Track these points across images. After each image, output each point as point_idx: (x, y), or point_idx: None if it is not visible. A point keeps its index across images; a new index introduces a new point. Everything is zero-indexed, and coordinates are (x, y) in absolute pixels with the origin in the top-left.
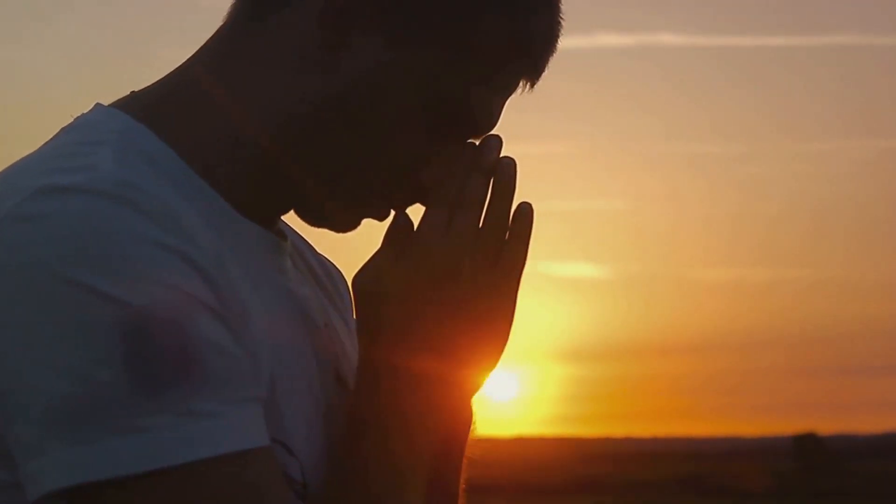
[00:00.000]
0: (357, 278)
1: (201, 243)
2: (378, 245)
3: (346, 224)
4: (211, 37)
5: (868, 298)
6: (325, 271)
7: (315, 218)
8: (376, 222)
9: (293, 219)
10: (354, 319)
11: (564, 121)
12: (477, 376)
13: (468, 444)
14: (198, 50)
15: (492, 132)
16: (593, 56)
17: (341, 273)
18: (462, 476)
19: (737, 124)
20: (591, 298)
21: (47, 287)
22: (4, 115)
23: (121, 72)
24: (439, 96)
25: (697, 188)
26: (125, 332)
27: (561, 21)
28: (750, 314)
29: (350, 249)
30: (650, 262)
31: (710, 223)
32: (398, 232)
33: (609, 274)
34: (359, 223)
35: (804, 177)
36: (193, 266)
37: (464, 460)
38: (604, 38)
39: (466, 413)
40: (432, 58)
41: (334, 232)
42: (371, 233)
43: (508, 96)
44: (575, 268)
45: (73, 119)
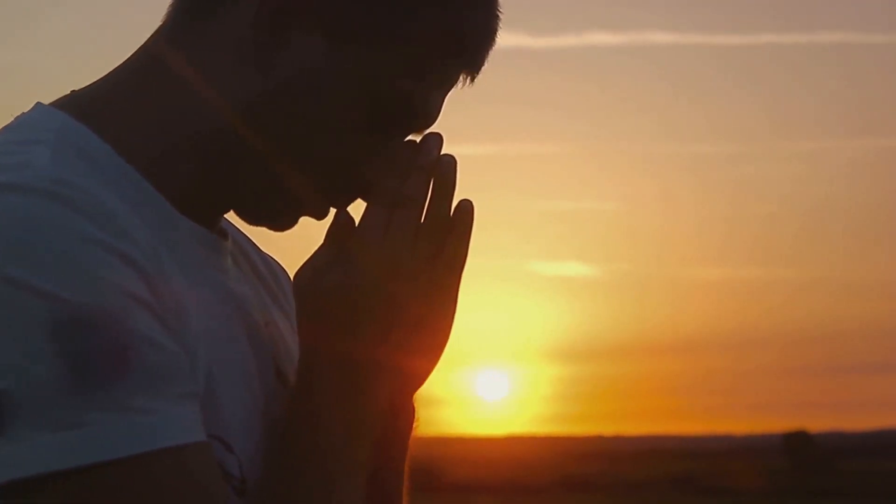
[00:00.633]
0: (297, 276)
1: (137, 240)
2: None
3: (284, 223)
4: (151, 35)
5: (859, 298)
6: (269, 269)
7: (252, 217)
8: (316, 222)
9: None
10: None
11: (556, 120)
12: (417, 373)
13: (411, 442)
14: (138, 49)
15: (432, 130)
16: (584, 55)
17: (285, 271)
18: (405, 473)
19: (729, 123)
20: (583, 298)
21: None
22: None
23: (101, 69)
24: (378, 93)
25: (689, 187)
26: (60, 328)
27: (499, 15)
28: (742, 313)
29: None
30: (642, 262)
31: (702, 223)
32: (339, 230)
33: (601, 273)
34: (296, 222)
35: (797, 176)
36: (129, 263)
37: (407, 458)
38: (595, 37)
39: (408, 411)
40: (370, 54)
41: (272, 231)
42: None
43: (448, 91)
44: (567, 267)
45: (13, 118)
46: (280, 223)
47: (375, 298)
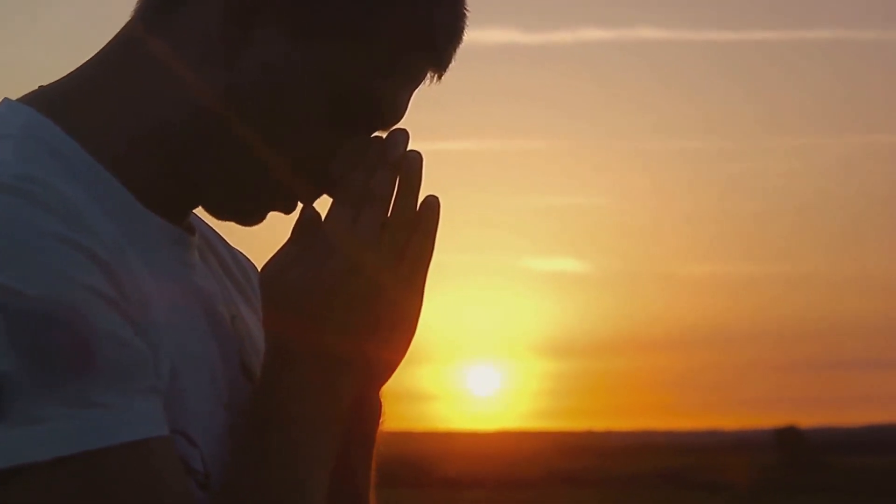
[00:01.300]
0: (264, 271)
1: (101, 235)
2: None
3: (251, 218)
4: (119, 31)
5: (850, 294)
6: (237, 264)
7: (219, 211)
8: (286, 217)
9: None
10: None
11: (547, 116)
12: (383, 369)
13: (377, 438)
14: (106, 44)
15: (398, 126)
16: (576, 51)
17: (255, 266)
18: (372, 469)
19: (721, 120)
20: (574, 293)
21: None
22: None
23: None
24: (343, 89)
25: (681, 183)
26: (20, 323)
27: (466, 13)
28: (732, 309)
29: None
30: (633, 258)
31: (694, 218)
32: (305, 226)
33: (592, 269)
34: (264, 217)
35: (788, 172)
36: (92, 258)
37: (373, 453)
38: (586, 33)
39: (374, 407)
40: (335, 50)
41: (240, 225)
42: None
43: (415, 88)
44: (558, 263)
45: None
46: (247, 218)
47: (340, 294)
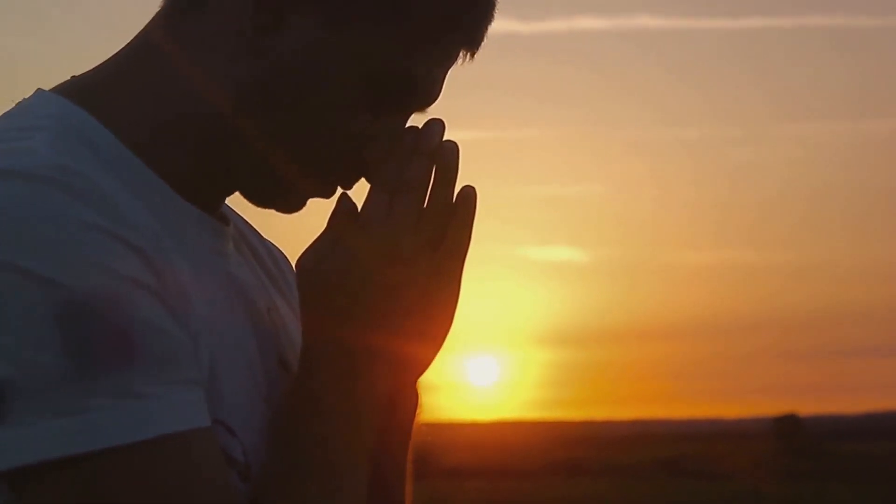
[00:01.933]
0: (299, 262)
1: (139, 226)
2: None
3: (292, 204)
4: (150, 20)
5: (850, 282)
6: (270, 255)
7: (260, 199)
8: (320, 207)
9: (239, 203)
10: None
11: (546, 105)
12: (419, 360)
13: (414, 428)
14: (137, 33)
15: (433, 116)
16: (574, 39)
17: (286, 257)
18: (408, 460)
19: (721, 108)
20: (574, 283)
21: None
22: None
23: (92, 57)
24: (379, 71)
25: (681, 172)
26: (62, 315)
27: None
28: (732, 298)
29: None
30: (633, 247)
31: (693, 207)
32: (341, 215)
33: (592, 258)
34: (304, 203)
35: (790, 161)
36: (131, 248)
37: (410, 444)
38: (584, 22)
39: (411, 397)
40: (369, 33)
41: (280, 213)
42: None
43: (448, 68)
44: (558, 252)
45: (13, 104)
46: (287, 204)
47: (376, 284)
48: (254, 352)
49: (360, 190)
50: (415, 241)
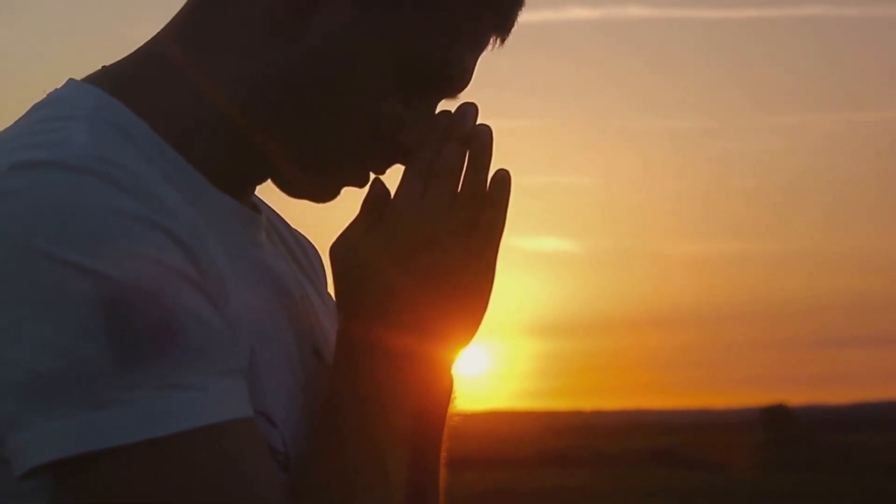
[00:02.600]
0: (334, 248)
1: (178, 216)
2: (353, 216)
3: (325, 193)
4: (181, 8)
5: (837, 272)
6: (299, 244)
7: (293, 188)
8: (343, 198)
9: (267, 192)
10: (328, 293)
11: (533, 95)
12: (455, 347)
13: (448, 417)
14: (168, 22)
15: (467, 100)
16: (562, 30)
17: (314, 246)
18: (443, 448)
19: (708, 98)
20: (562, 273)
21: (25, 263)
22: None
23: (82, 49)
24: (412, 56)
25: (669, 162)
26: (106, 306)
27: None
28: (721, 288)
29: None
30: (621, 237)
31: (681, 197)
32: (374, 201)
33: (580, 248)
34: (338, 192)
35: (775, 151)
36: (172, 238)
37: (444, 433)
38: (573, 12)
39: (446, 385)
40: (403, 18)
41: (314, 202)
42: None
43: (480, 52)
44: (546, 242)
45: (46, 95)
46: (321, 193)
47: (410, 268)
48: (291, 342)
49: (392, 177)
50: (449, 226)
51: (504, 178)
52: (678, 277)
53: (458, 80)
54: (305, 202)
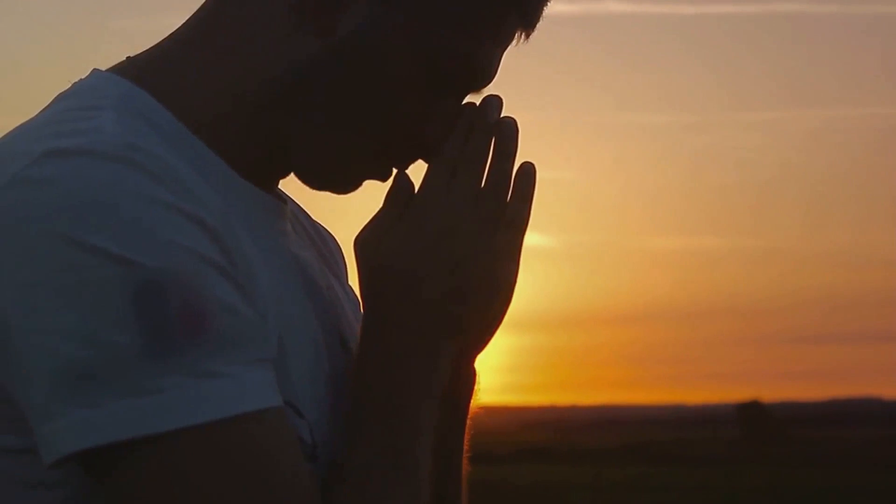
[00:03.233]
0: (359, 240)
1: (208, 204)
2: (376, 209)
3: (347, 185)
4: (205, 1)
5: (813, 269)
6: (320, 236)
7: (316, 180)
8: (371, 189)
9: (288, 184)
10: (350, 285)
11: (511, 90)
12: (478, 337)
13: (471, 409)
14: (194, 13)
15: (492, 93)
16: (540, 24)
17: (335, 238)
18: (465, 439)
19: (686, 94)
20: (539, 268)
21: (57, 250)
22: None
23: (71, 43)
24: (438, 51)
25: (645, 158)
26: (137, 294)
27: None
28: (696, 283)
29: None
30: (598, 232)
31: (658, 193)
32: (399, 192)
33: (558, 243)
34: (359, 185)
35: (753, 146)
36: (202, 227)
37: (467, 425)
38: (551, 7)
39: (469, 376)
40: (430, 13)
41: (336, 194)
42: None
43: (505, 48)
44: None
45: (71, 85)
46: (343, 185)
47: (436, 259)
48: (317, 332)
49: (416, 171)
50: (474, 217)
51: (529, 171)
52: (655, 273)
53: (484, 76)
54: (326, 194)
